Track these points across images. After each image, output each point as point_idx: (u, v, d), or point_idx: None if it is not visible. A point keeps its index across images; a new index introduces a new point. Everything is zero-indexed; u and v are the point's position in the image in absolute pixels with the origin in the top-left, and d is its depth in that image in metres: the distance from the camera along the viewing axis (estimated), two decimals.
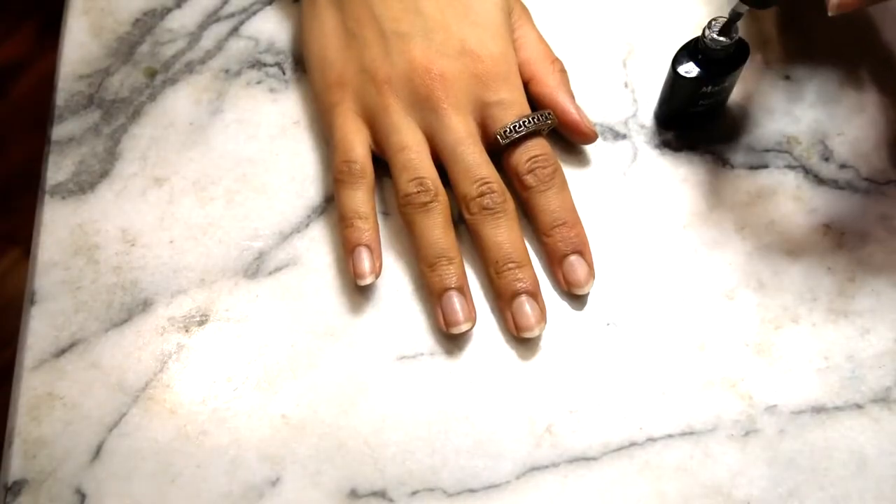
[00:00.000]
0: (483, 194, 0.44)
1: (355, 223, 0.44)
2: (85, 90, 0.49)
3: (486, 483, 0.41)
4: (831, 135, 0.48)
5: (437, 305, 0.43)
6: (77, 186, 0.47)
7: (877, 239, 0.46)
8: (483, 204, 0.44)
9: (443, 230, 0.44)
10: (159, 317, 0.44)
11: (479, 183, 0.44)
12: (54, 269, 0.45)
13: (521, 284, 0.43)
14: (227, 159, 0.48)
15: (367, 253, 0.44)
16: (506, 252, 0.43)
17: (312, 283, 0.45)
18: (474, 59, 0.45)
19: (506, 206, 0.44)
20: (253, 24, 0.51)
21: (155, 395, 0.43)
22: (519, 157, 0.45)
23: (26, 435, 0.41)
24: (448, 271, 0.43)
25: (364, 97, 0.46)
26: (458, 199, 0.45)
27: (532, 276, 0.43)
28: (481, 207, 0.44)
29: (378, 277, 0.44)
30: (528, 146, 0.45)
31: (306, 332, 0.44)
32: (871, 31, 0.51)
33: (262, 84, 0.50)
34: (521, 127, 0.44)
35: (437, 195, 0.44)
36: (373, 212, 0.45)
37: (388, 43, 0.45)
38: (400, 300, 0.45)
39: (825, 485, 0.41)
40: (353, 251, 0.44)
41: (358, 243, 0.44)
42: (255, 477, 0.41)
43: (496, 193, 0.44)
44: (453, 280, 0.43)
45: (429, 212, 0.44)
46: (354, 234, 0.44)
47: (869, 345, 0.43)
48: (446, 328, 0.43)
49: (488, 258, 0.44)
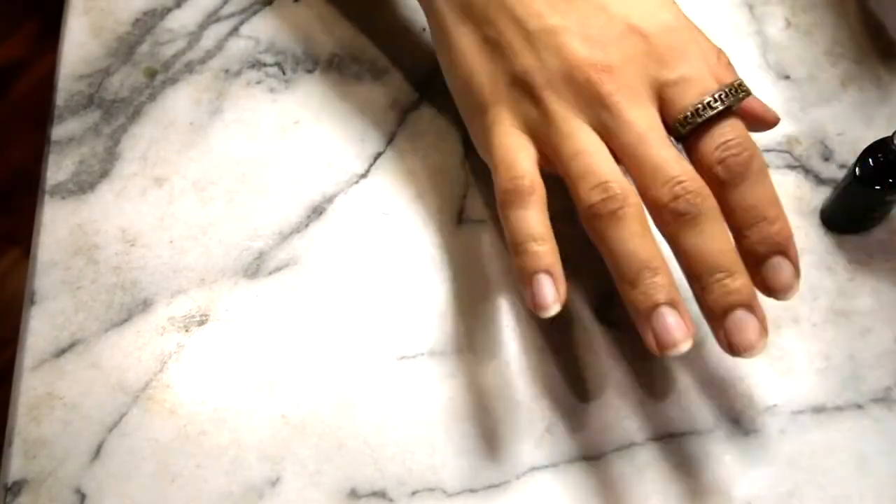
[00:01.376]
0: (677, 197, 0.37)
1: (530, 247, 0.37)
2: (85, 90, 0.49)
3: (486, 483, 0.41)
4: (831, 135, 0.48)
5: (646, 326, 0.37)
6: (77, 186, 0.47)
7: (877, 239, 0.46)
8: (679, 210, 0.37)
9: (641, 239, 0.37)
10: (159, 317, 0.44)
11: (672, 183, 0.37)
12: (54, 268, 0.45)
13: (735, 297, 0.36)
14: (227, 159, 0.48)
15: (549, 280, 0.37)
16: (712, 262, 0.37)
17: (312, 283, 0.45)
18: (642, 37, 0.39)
19: (705, 207, 0.37)
20: (253, 23, 0.51)
21: (155, 395, 0.42)
22: (706, 146, 0.38)
23: (26, 435, 0.41)
24: (654, 284, 0.36)
25: (522, 111, 0.40)
26: (647, 206, 0.38)
27: (747, 285, 0.37)
28: (677, 215, 0.37)
29: (562, 305, 0.37)
30: (716, 132, 0.38)
31: (306, 332, 0.44)
32: (873, 30, 0.51)
33: (263, 84, 0.50)
34: (705, 109, 0.38)
35: (627, 198, 0.37)
36: (549, 230, 0.38)
37: (537, 44, 0.40)
38: (400, 300, 0.45)
39: (825, 485, 0.41)
40: (532, 280, 0.37)
41: (536, 270, 0.37)
42: (255, 477, 0.41)
43: (692, 194, 0.37)
44: (662, 294, 0.36)
45: (620, 220, 0.37)
46: (530, 260, 0.37)
47: (869, 345, 0.43)
48: (659, 351, 0.36)
49: (693, 271, 0.37)
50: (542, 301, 0.37)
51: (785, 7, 0.52)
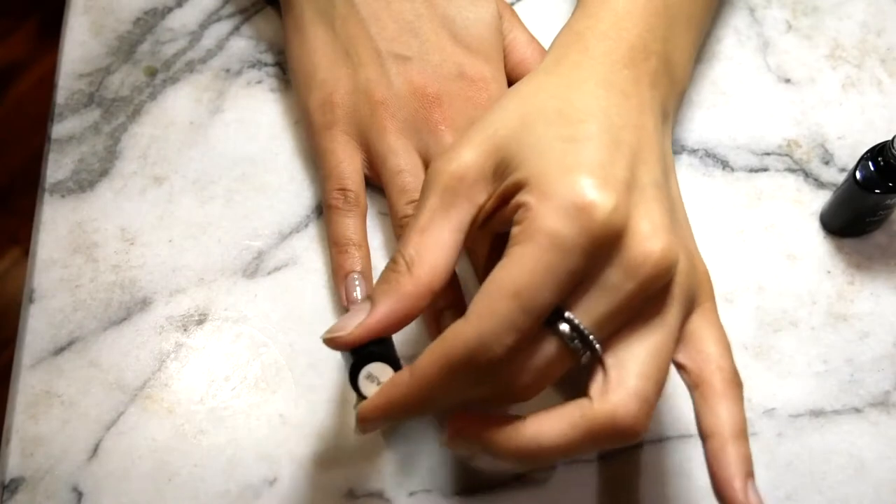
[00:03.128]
0: None
1: (349, 250, 0.44)
2: (85, 89, 0.49)
3: (485, 483, 0.41)
4: (832, 138, 0.48)
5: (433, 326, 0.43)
6: (77, 185, 0.47)
7: (876, 243, 0.46)
8: None
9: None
10: (158, 316, 0.44)
11: None
12: (53, 267, 0.45)
13: None
14: (227, 159, 0.48)
15: (361, 280, 0.43)
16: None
17: (311, 282, 0.45)
18: (469, 83, 0.45)
19: None
20: (254, 23, 0.51)
21: (153, 393, 0.42)
22: None
23: (24, 433, 0.41)
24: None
25: (358, 118, 0.45)
26: None
27: None
28: None
29: None
30: None
31: (305, 331, 0.44)
32: (873, 33, 0.51)
33: (263, 84, 0.50)
34: None
35: None
36: (365, 240, 0.45)
37: (384, 64, 0.45)
38: None
39: (823, 488, 0.41)
40: (346, 277, 0.43)
41: (351, 270, 0.43)
42: (252, 476, 0.41)
43: None
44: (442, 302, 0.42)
45: None
46: (348, 260, 0.44)
47: (868, 348, 0.43)
48: None
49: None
50: (351, 297, 0.43)
51: (786, 10, 0.52)
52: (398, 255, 0.36)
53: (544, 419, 0.34)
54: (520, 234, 0.33)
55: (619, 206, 0.33)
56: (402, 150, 0.45)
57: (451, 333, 0.33)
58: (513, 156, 0.35)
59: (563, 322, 0.33)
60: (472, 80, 0.46)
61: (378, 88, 0.45)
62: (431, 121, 0.45)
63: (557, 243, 0.32)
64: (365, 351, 0.36)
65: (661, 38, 0.40)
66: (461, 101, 0.45)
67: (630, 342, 0.34)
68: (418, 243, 0.35)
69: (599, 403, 0.33)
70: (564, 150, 0.34)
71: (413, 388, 0.34)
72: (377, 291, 0.36)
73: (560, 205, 0.32)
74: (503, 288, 0.32)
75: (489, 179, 0.36)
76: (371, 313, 0.35)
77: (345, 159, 0.45)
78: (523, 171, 0.34)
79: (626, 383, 0.33)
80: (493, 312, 0.32)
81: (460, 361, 0.33)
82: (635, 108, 0.37)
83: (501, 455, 0.35)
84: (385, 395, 0.35)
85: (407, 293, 0.35)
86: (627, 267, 0.33)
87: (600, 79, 0.37)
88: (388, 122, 0.45)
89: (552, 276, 0.32)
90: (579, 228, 0.32)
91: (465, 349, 0.33)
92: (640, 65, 0.38)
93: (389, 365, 0.36)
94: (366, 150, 0.45)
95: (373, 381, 0.36)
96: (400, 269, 0.35)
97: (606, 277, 0.33)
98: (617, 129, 0.36)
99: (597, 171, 0.33)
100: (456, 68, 0.46)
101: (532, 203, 0.33)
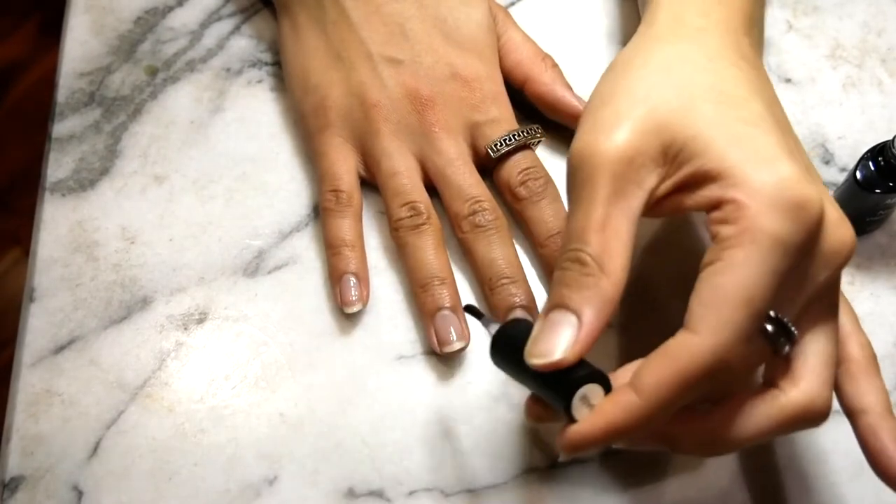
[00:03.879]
0: (475, 212, 0.44)
1: (343, 251, 0.44)
2: (86, 88, 0.49)
3: (484, 483, 0.41)
4: (832, 138, 0.48)
5: (429, 325, 0.43)
6: (77, 184, 0.47)
7: (876, 243, 0.46)
8: (475, 222, 0.44)
9: (434, 251, 0.44)
10: (158, 315, 0.44)
11: (471, 202, 0.44)
12: (54, 266, 0.45)
13: (516, 299, 0.42)
14: (228, 158, 0.48)
15: (356, 281, 0.43)
16: (500, 268, 0.43)
17: (311, 282, 0.45)
18: (463, 83, 0.46)
19: (498, 224, 0.44)
20: (254, 23, 0.51)
21: (153, 392, 0.42)
22: (510, 170, 0.45)
23: (24, 431, 0.41)
24: (441, 292, 0.43)
25: (352, 121, 0.45)
26: (450, 218, 0.45)
27: (527, 290, 0.43)
28: (474, 225, 0.44)
29: (365, 306, 0.44)
30: (519, 159, 0.45)
31: (305, 331, 0.44)
32: (873, 33, 0.51)
33: (263, 83, 0.50)
34: (512, 140, 0.45)
35: (429, 218, 0.44)
36: (360, 240, 0.45)
37: (376, 67, 0.45)
38: (399, 300, 0.45)
39: (823, 488, 0.41)
40: (341, 279, 0.43)
41: (346, 271, 0.43)
42: (252, 475, 0.41)
43: (487, 211, 0.44)
44: (446, 300, 0.43)
45: (420, 234, 0.44)
46: (342, 262, 0.44)
47: None
48: (440, 348, 0.42)
49: (483, 276, 0.44)
50: (347, 298, 0.43)
51: (786, 10, 0.52)
52: (581, 253, 0.33)
53: (735, 414, 0.33)
54: (737, 236, 0.31)
55: (819, 196, 0.32)
56: (397, 152, 0.45)
57: (683, 350, 0.31)
58: (686, 139, 0.33)
59: (769, 322, 0.32)
60: (466, 79, 0.46)
61: (371, 91, 0.45)
62: (425, 123, 0.45)
63: (781, 245, 0.31)
64: (578, 374, 0.32)
65: (757, 2, 0.40)
66: (455, 102, 0.45)
67: (810, 328, 0.34)
68: (602, 240, 0.33)
69: (795, 394, 0.33)
70: (749, 135, 0.33)
71: (643, 410, 0.31)
72: (576, 300, 0.33)
73: (776, 203, 0.31)
74: (734, 297, 0.31)
75: (658, 161, 0.34)
76: (583, 326, 0.32)
77: (337, 161, 0.45)
78: (710, 159, 0.33)
79: (815, 371, 0.33)
80: (726, 323, 0.31)
81: (696, 377, 0.31)
82: (766, 79, 0.37)
83: (688, 450, 0.34)
84: (608, 418, 0.32)
85: (610, 297, 0.33)
86: (826, 257, 0.32)
87: (733, 49, 0.36)
88: (381, 124, 0.45)
89: (778, 278, 0.31)
90: (799, 226, 0.31)
91: (702, 365, 0.31)
92: (752, 32, 0.38)
93: (601, 385, 0.33)
94: (361, 153, 0.46)
95: (585, 404, 0.32)
96: (591, 270, 0.33)
97: (804, 268, 0.32)
98: (770, 105, 0.35)
99: (792, 160, 0.32)
100: (449, 69, 0.46)
101: (743, 201, 0.31)
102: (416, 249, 0.44)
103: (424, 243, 0.44)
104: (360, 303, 0.43)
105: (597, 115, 0.35)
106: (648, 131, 0.33)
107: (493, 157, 0.45)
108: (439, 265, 0.43)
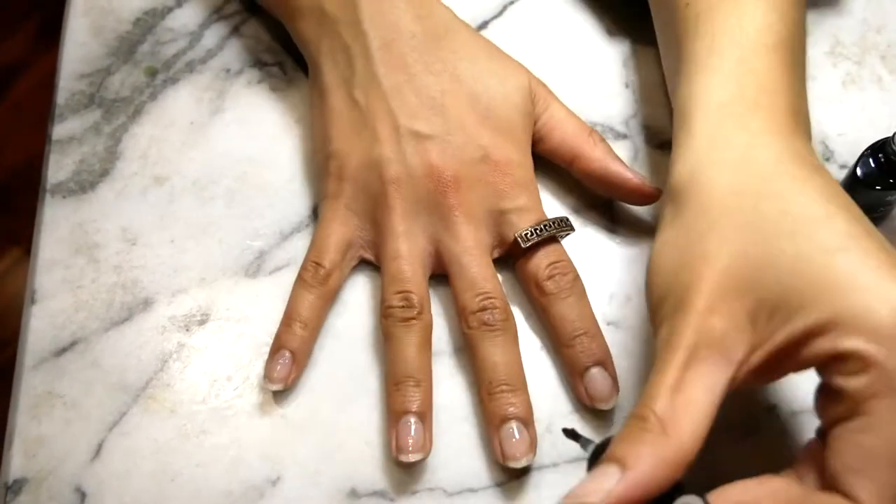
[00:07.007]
0: (485, 309, 0.41)
1: (293, 326, 0.42)
2: (86, 89, 0.49)
3: (486, 483, 0.41)
4: (832, 135, 0.48)
5: (392, 427, 0.40)
6: (78, 185, 0.47)
7: None
8: (483, 319, 0.41)
9: (417, 350, 0.41)
10: (160, 316, 0.44)
11: (483, 297, 0.42)
12: (55, 267, 0.45)
13: (512, 409, 0.40)
14: (228, 158, 0.48)
15: (290, 359, 0.42)
16: (501, 374, 0.41)
17: None
18: (493, 167, 0.43)
19: (507, 325, 0.42)
20: (254, 23, 0.51)
21: (155, 394, 0.42)
22: (538, 263, 0.43)
23: (26, 434, 0.41)
24: (413, 394, 0.40)
25: (366, 194, 0.43)
26: (457, 310, 0.42)
27: (526, 402, 0.41)
28: (481, 323, 0.41)
29: (286, 388, 0.42)
30: (549, 251, 0.43)
31: None
32: (873, 30, 0.51)
33: (263, 83, 0.50)
34: (543, 231, 0.42)
35: (421, 313, 0.42)
36: (318, 320, 0.43)
37: (401, 140, 0.43)
38: None
39: None
40: (277, 352, 0.42)
41: (284, 346, 0.42)
42: (255, 476, 0.41)
43: (498, 310, 0.41)
44: (415, 404, 0.40)
45: (408, 328, 0.41)
46: (287, 336, 0.42)
47: None
48: (396, 454, 0.40)
49: (482, 378, 0.41)
50: (270, 373, 0.41)
51: None
52: (645, 409, 0.31)
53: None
54: (869, 387, 0.29)
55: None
56: (405, 234, 0.43)
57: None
58: (778, 295, 0.31)
59: None
60: (497, 163, 0.43)
61: (391, 166, 0.43)
62: (445, 205, 0.43)
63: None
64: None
65: (799, 94, 0.37)
66: (482, 186, 0.43)
67: None
68: (671, 402, 0.31)
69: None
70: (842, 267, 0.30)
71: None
72: (625, 451, 0.31)
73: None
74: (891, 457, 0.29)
75: (746, 330, 0.31)
76: (625, 478, 0.30)
77: (333, 233, 0.43)
78: (808, 313, 0.30)
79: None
80: (889, 486, 0.29)
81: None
82: (828, 176, 0.33)
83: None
84: None
85: (666, 458, 0.30)
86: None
87: (788, 157, 0.34)
88: (396, 201, 0.43)
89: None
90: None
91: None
92: (799, 127, 0.35)
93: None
94: (371, 226, 0.44)
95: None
96: (651, 427, 0.31)
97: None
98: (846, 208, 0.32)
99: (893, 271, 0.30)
100: (480, 151, 0.43)
101: (867, 351, 0.29)
102: (400, 344, 0.41)
103: (410, 339, 0.41)
104: (282, 383, 0.41)
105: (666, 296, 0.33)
106: (729, 298, 0.31)
107: (523, 247, 0.42)
108: (419, 365, 0.41)
